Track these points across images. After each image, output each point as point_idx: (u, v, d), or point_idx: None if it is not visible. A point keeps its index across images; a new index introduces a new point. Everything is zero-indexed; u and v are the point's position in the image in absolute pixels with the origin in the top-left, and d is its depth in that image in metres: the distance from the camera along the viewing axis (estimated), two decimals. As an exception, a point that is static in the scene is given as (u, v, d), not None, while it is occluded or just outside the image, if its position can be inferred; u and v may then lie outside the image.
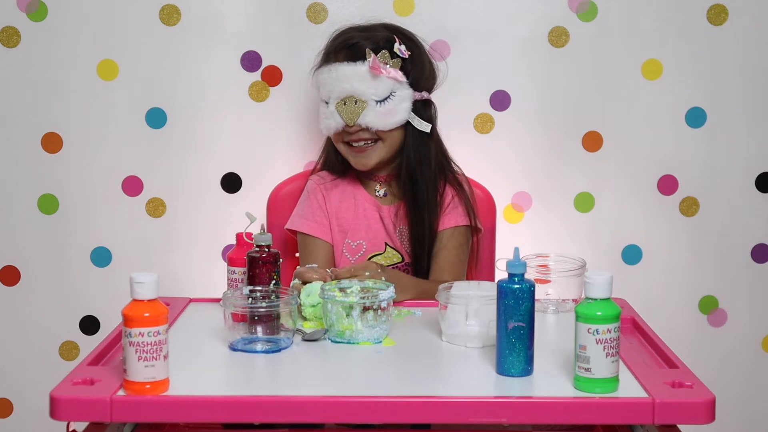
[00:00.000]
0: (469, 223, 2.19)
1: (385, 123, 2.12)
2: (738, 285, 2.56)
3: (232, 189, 2.50)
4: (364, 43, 2.12)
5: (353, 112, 2.10)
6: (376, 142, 2.15)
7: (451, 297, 1.71)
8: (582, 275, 1.86)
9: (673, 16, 2.47)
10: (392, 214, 2.20)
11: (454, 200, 2.19)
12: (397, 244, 2.19)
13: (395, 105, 2.12)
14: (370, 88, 2.10)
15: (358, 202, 2.22)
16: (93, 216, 2.50)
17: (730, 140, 2.51)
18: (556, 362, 1.58)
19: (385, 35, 2.15)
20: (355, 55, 2.12)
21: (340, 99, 2.11)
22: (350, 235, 2.21)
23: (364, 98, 2.10)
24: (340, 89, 2.11)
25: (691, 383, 1.47)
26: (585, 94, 2.49)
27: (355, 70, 2.10)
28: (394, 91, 2.11)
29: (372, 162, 2.16)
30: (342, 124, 2.12)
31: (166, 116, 2.47)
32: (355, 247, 2.20)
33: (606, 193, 2.53)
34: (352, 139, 2.15)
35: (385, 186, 2.23)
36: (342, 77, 2.10)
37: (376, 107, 2.10)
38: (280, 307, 1.66)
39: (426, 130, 2.16)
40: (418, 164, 2.16)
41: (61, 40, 2.43)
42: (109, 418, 1.42)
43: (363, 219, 2.21)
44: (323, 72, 2.15)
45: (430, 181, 2.17)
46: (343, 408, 1.43)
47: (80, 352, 2.52)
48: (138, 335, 1.42)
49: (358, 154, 2.16)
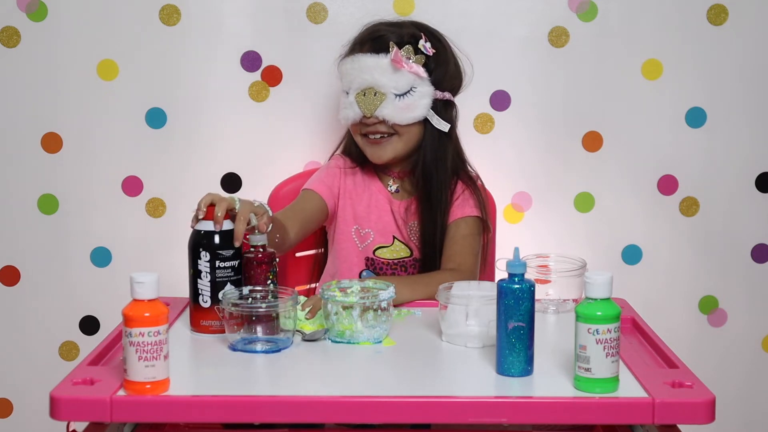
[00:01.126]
0: (480, 215, 2.17)
1: (403, 117, 2.11)
2: (738, 285, 2.56)
3: (232, 189, 2.50)
4: (389, 36, 2.12)
5: (372, 103, 2.10)
6: (391, 136, 2.14)
7: (451, 297, 1.71)
8: (582, 275, 1.85)
9: (673, 16, 2.47)
10: (403, 210, 2.19)
11: (464, 193, 2.18)
12: (407, 239, 2.19)
13: (414, 100, 2.11)
14: (391, 81, 2.09)
15: (372, 193, 2.22)
16: (93, 216, 2.50)
17: (730, 140, 2.51)
18: (556, 362, 1.58)
19: (411, 31, 2.15)
20: (378, 47, 2.11)
21: (359, 90, 2.11)
22: (360, 222, 2.20)
23: (383, 90, 2.09)
24: (361, 80, 2.11)
25: (691, 383, 1.47)
26: (585, 94, 2.49)
27: (377, 62, 2.09)
28: (414, 86, 2.10)
29: (387, 155, 2.15)
30: (360, 114, 2.11)
31: (166, 116, 2.47)
32: (363, 234, 2.20)
33: (606, 193, 2.53)
34: (369, 131, 2.14)
35: (398, 182, 2.22)
36: (364, 68, 2.10)
37: (395, 101, 2.09)
38: (279, 308, 1.66)
39: (444, 130, 2.15)
40: (434, 163, 2.15)
41: (61, 40, 2.44)
42: (109, 418, 1.42)
43: (375, 210, 2.20)
44: (347, 62, 2.15)
45: (444, 180, 2.16)
46: (343, 408, 1.43)
47: (80, 352, 2.52)
48: (138, 335, 1.42)
49: (374, 146, 2.15)
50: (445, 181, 2.16)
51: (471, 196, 2.18)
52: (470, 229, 2.16)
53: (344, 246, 2.20)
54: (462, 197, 2.18)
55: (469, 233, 2.16)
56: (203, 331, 1.74)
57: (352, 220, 2.20)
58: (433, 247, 2.15)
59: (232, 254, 1.74)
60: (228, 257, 1.74)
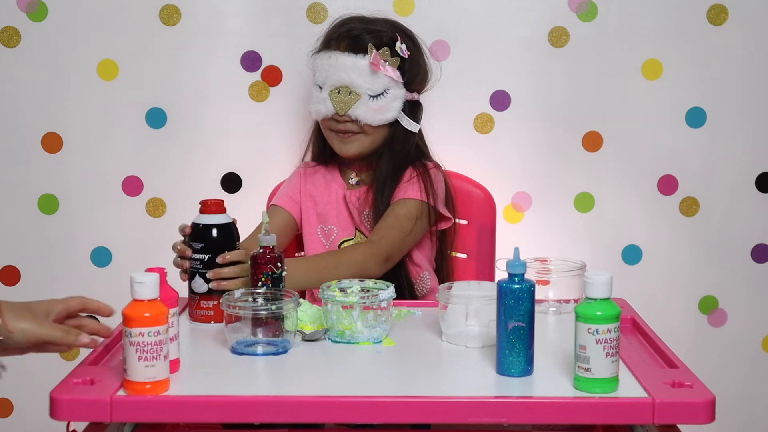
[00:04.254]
0: (423, 199, 2.15)
1: (375, 119, 2.14)
2: (738, 285, 2.56)
3: (232, 189, 2.50)
4: (368, 38, 2.14)
5: (345, 102, 2.13)
6: (358, 133, 2.17)
7: (451, 297, 1.71)
8: (582, 275, 1.85)
9: (673, 16, 2.47)
10: (355, 199, 2.22)
11: (411, 179, 2.18)
12: (365, 229, 2.20)
13: (387, 102, 2.14)
14: (367, 82, 2.12)
15: (331, 189, 2.25)
16: (93, 216, 2.50)
17: (730, 140, 2.51)
18: (556, 362, 1.58)
19: (388, 33, 2.17)
20: (357, 47, 2.14)
21: (334, 87, 2.14)
22: (324, 220, 2.23)
23: (358, 91, 2.13)
24: (336, 78, 2.13)
25: (691, 383, 1.47)
26: (585, 94, 2.49)
27: (355, 63, 2.12)
28: (388, 88, 2.14)
29: (352, 151, 2.19)
30: (332, 111, 2.15)
31: (166, 116, 2.47)
32: (327, 231, 2.23)
33: (606, 193, 2.53)
34: (338, 128, 2.17)
35: (360, 175, 2.26)
36: (341, 66, 2.13)
37: (369, 102, 2.13)
38: (282, 310, 1.65)
39: (414, 131, 2.19)
40: (398, 161, 2.18)
41: (61, 40, 2.43)
42: (109, 418, 1.42)
43: (334, 204, 2.24)
44: (322, 57, 2.17)
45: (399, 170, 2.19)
46: (343, 408, 1.43)
47: (80, 352, 2.52)
48: (138, 335, 1.42)
49: (342, 141, 2.18)
50: (398, 174, 2.18)
51: (418, 181, 2.18)
52: (407, 210, 2.14)
53: (313, 246, 2.23)
54: (409, 182, 2.18)
55: (404, 214, 2.14)
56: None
57: (315, 220, 2.24)
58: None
59: (201, 248, 1.83)
60: (197, 249, 1.84)
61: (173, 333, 1.52)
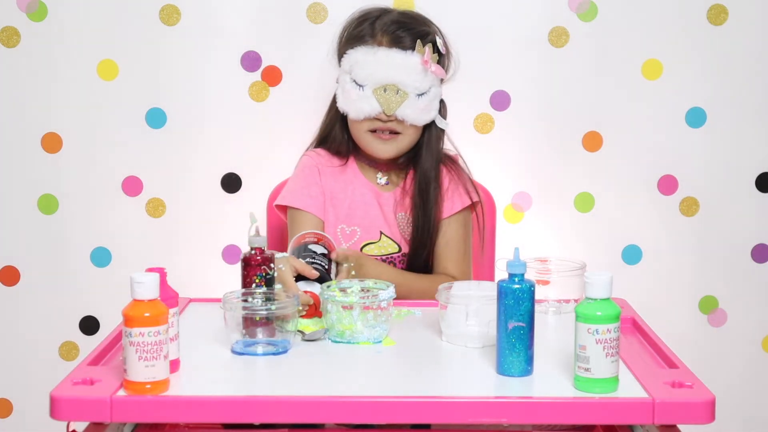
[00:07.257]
0: (471, 200, 2.12)
1: (420, 118, 2.06)
2: (738, 285, 2.56)
3: (232, 189, 2.50)
4: (414, 33, 2.05)
5: (394, 101, 2.03)
6: (398, 134, 2.07)
7: (451, 297, 1.71)
8: (582, 275, 1.85)
9: (673, 16, 2.47)
10: (392, 201, 2.14)
11: (453, 182, 2.14)
12: (395, 233, 2.13)
13: (431, 101, 2.06)
14: (416, 81, 2.02)
15: (355, 188, 2.15)
16: (93, 216, 2.50)
17: (730, 140, 2.51)
18: (556, 362, 1.58)
19: (431, 28, 2.09)
20: (403, 43, 2.04)
21: (380, 85, 2.03)
22: (345, 221, 2.14)
23: (407, 90, 2.03)
24: (384, 75, 2.02)
25: (691, 383, 1.47)
26: (585, 94, 2.49)
27: (406, 60, 2.02)
28: (431, 86, 2.06)
29: (392, 152, 2.09)
30: (378, 111, 2.03)
31: (166, 116, 2.47)
32: (349, 232, 2.14)
33: (606, 193, 2.53)
34: (380, 127, 2.06)
35: (387, 174, 2.16)
36: (390, 64, 2.02)
37: (416, 101, 2.04)
38: (282, 310, 1.65)
39: (446, 128, 2.13)
40: (435, 162, 2.11)
41: (61, 40, 2.44)
42: (109, 418, 1.42)
43: (360, 205, 2.14)
44: (363, 53, 2.04)
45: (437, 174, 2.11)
46: (343, 408, 1.43)
47: (80, 352, 2.52)
48: (138, 335, 1.42)
49: (383, 142, 2.08)
50: (437, 175, 2.12)
51: (459, 182, 2.14)
52: (464, 228, 2.13)
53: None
54: (451, 188, 2.13)
55: (463, 235, 2.12)
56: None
57: (335, 220, 2.14)
58: (423, 244, 2.10)
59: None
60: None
61: (173, 333, 1.51)
